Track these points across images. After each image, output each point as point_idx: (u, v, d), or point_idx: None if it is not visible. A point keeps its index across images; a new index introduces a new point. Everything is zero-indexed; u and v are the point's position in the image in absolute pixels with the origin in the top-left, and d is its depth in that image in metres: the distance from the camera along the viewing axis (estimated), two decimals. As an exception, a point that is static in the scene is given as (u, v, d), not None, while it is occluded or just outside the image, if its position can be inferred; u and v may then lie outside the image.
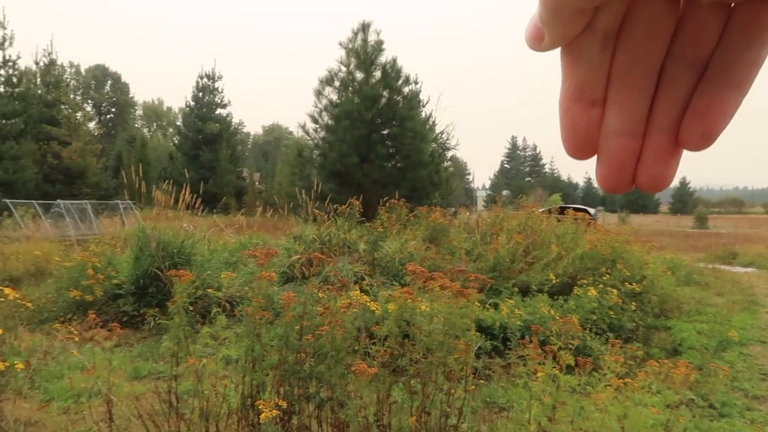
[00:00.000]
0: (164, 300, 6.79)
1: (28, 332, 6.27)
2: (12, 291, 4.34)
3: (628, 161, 0.32)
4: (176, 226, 7.64)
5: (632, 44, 0.30)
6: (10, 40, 25.52)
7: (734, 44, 0.30)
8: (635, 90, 0.31)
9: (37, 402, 4.34)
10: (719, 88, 0.30)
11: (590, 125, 0.32)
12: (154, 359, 5.64)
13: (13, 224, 15.08)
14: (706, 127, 0.31)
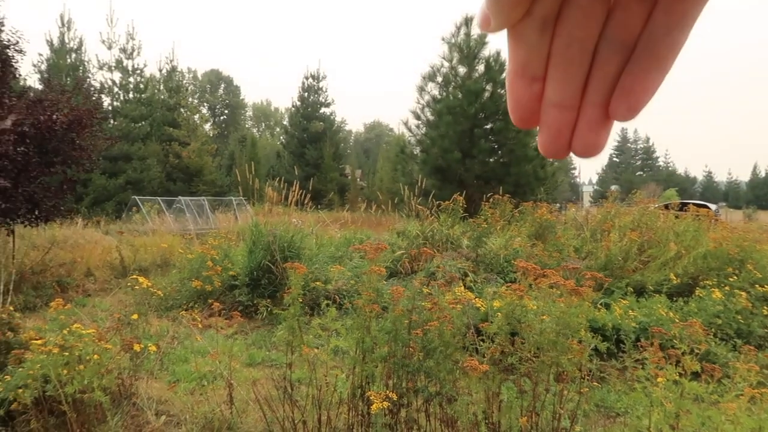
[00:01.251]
0: (275, 291, 7.13)
1: (156, 318, 6.82)
2: (145, 280, 4.72)
3: (565, 130, 0.36)
4: (286, 221, 7.98)
5: (568, 28, 0.33)
6: (138, 50, 27.84)
7: (657, 28, 0.33)
8: (571, 68, 0.35)
9: (165, 382, 4.71)
10: (644, 68, 0.34)
11: (532, 99, 0.36)
12: (266, 348, 5.92)
13: (140, 219, 16.47)
14: (631, 102, 0.34)
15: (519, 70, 0.36)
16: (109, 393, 3.71)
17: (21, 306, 6.97)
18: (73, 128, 8.85)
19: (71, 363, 3.59)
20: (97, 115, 9.61)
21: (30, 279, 8.08)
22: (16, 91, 9.31)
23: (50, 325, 5.14)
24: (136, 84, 27.73)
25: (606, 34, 0.34)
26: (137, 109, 26.40)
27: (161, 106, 29.47)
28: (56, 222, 10.12)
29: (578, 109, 0.36)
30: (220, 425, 3.52)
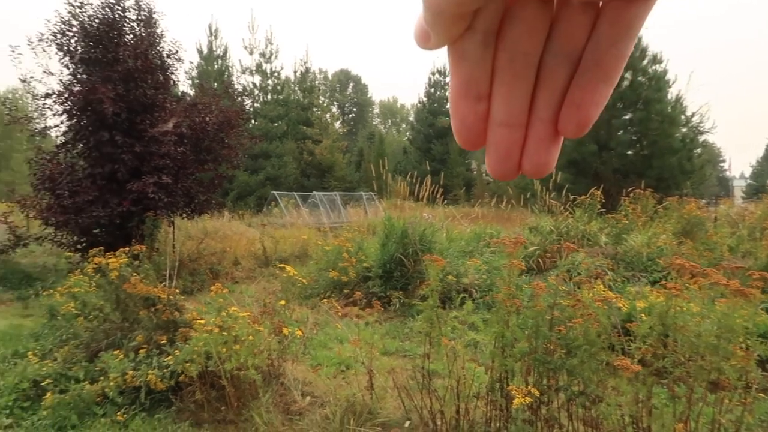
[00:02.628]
0: (407, 284, 7.26)
1: (296, 305, 7.25)
2: (291, 269, 5.03)
3: (514, 150, 0.34)
4: (417, 215, 8.10)
5: (511, 42, 0.31)
6: (275, 54, 29.62)
7: (603, 40, 0.31)
8: (516, 84, 0.32)
9: (307, 366, 5.00)
10: (591, 81, 0.32)
11: (478, 118, 0.34)
12: (399, 338, 6.06)
13: (279, 212, 17.55)
14: (581, 117, 0.32)
15: (462, 89, 0.34)
16: (260, 372, 4.01)
17: (180, 290, 7.73)
18: (223, 129, 9.63)
19: (229, 342, 3.93)
20: (243, 116, 10.38)
21: (187, 266, 8.93)
22: (174, 96, 10.32)
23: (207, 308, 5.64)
24: (274, 86, 29.54)
25: (550, 47, 0.32)
26: (275, 110, 28.12)
27: (296, 106, 31.11)
28: (207, 215, 11.09)
29: (526, 127, 0.34)
30: (362, 410, 3.67)
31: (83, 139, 8.81)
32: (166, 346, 4.22)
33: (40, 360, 4.43)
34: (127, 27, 9.23)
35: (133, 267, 5.23)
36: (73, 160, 9.22)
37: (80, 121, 8.74)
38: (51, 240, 8.88)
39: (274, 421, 3.83)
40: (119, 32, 9.03)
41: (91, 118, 8.50)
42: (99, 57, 8.70)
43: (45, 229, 8.88)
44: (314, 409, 3.95)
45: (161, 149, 8.66)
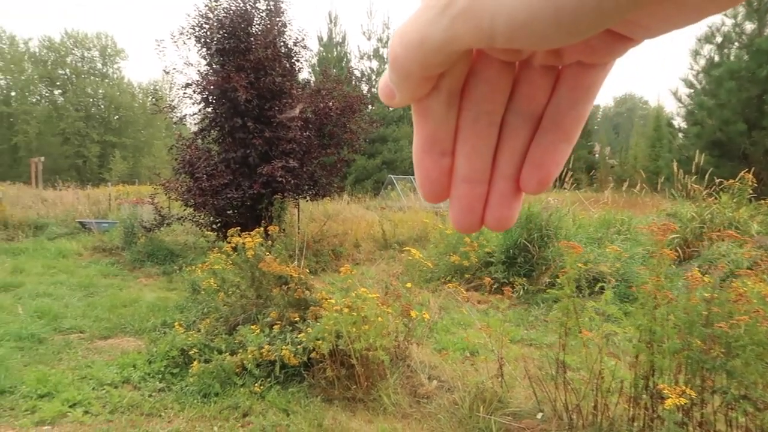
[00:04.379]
0: (531, 270, 7.02)
1: (417, 289, 7.26)
2: (416, 252, 5.02)
3: (477, 205, 0.34)
4: (542, 199, 7.79)
5: (475, 102, 0.32)
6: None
7: (562, 102, 0.32)
8: (480, 142, 0.32)
9: (431, 350, 4.98)
10: (552, 140, 0.32)
11: (442, 174, 0.34)
12: (524, 326, 5.87)
13: (395, 196, 17.74)
14: (541, 175, 0.33)
15: (427, 145, 0.34)
16: (387, 353, 4.04)
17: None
18: (345, 114, 9.83)
19: (357, 323, 3.99)
20: (364, 101, 10.53)
21: (312, 247, 9.27)
22: (300, 83, 10.68)
23: (332, 288, 5.79)
24: (389, 69, 29.74)
25: (513, 106, 0.33)
26: (391, 94, 28.35)
27: (412, 90, 31.11)
28: (328, 198, 11.44)
29: (489, 183, 0.34)
30: (491, 398, 3.58)
31: (218, 125, 9.39)
32: (298, 324, 4.37)
33: (185, 330, 4.78)
34: (257, 17, 9.66)
35: (266, 247, 5.49)
36: (209, 145, 9.87)
37: (216, 108, 9.32)
38: (190, 220, 9.60)
39: (401, 403, 3.84)
40: (250, 23, 9.48)
41: (226, 106, 9.02)
42: (232, 47, 9.19)
43: (185, 210, 9.62)
44: (441, 394, 3.92)
45: (288, 134, 9.01)
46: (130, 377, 4.27)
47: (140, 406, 3.81)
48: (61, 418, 3.60)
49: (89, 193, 18.34)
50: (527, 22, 0.24)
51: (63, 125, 48.52)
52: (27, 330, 5.31)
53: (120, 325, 5.71)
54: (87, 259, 10.31)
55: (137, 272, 9.07)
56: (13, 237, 12.36)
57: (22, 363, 4.56)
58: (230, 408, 3.80)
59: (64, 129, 48.50)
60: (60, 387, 4.00)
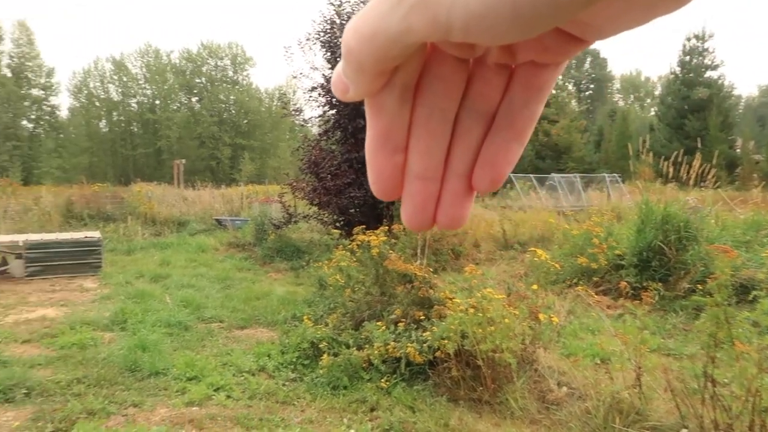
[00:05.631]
0: (667, 275, 6.54)
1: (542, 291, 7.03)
2: (543, 253, 4.86)
3: (429, 203, 0.33)
4: (680, 199, 7.22)
5: (428, 98, 0.31)
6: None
7: (515, 101, 0.32)
8: (433, 139, 0.32)
9: (558, 355, 4.79)
10: (504, 139, 0.32)
11: (394, 170, 0.33)
12: (660, 334, 5.48)
13: (515, 195, 17.32)
14: (493, 174, 0.32)
15: (380, 141, 0.33)
16: (514, 356, 3.95)
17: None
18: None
19: (483, 324, 3.94)
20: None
21: (431, 246, 9.29)
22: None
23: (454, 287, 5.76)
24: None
25: (466, 104, 0.32)
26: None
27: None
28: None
29: (441, 181, 0.33)
30: (628, 409, 3.38)
31: (341, 127, 9.70)
32: (423, 322, 4.40)
33: (314, 324, 4.99)
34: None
35: (390, 245, 5.58)
36: (332, 146, 10.23)
37: (339, 110, 9.64)
38: (315, 218, 10.02)
39: (529, 408, 3.74)
40: (372, 26, 9.69)
41: (349, 107, 9.30)
42: (356, 50, 9.45)
43: (310, 209, 10.05)
44: (572, 401, 3.76)
45: (410, 134, 9.11)
46: (265, 366, 4.53)
47: (275, 394, 4.03)
48: (206, 400, 3.90)
49: (223, 193, 19.76)
50: (484, 15, 0.24)
51: (199, 130, 52.64)
52: (175, 318, 5.81)
53: (254, 317, 6.08)
54: (223, 253, 11.12)
55: (267, 267, 9.63)
56: (160, 232, 13.63)
57: (171, 348, 5.00)
58: (358, 401, 3.91)
59: (200, 133, 52.60)
60: (205, 372, 4.34)
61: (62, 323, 5.67)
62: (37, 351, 4.92)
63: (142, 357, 4.57)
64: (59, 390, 4.01)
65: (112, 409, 3.71)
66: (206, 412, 3.71)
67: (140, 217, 14.15)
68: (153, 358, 4.55)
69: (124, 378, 4.27)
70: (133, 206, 14.46)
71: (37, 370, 4.37)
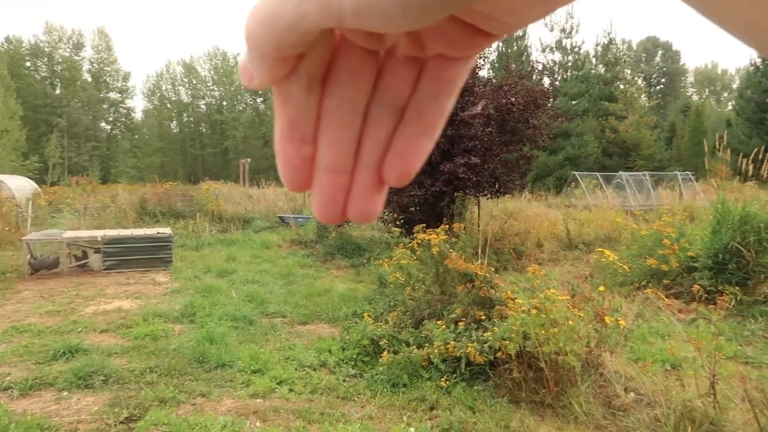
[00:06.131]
0: (746, 279, 6.20)
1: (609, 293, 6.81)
2: (610, 253, 4.71)
3: (338, 196, 0.33)
4: (761, 198, 6.82)
5: (337, 89, 0.31)
6: (576, 29, 28.35)
7: (425, 95, 0.32)
8: (342, 131, 0.32)
9: (625, 359, 4.62)
10: (414, 133, 0.32)
11: (303, 161, 0.33)
12: (738, 341, 5.19)
13: (580, 194, 16.83)
14: (403, 167, 0.32)
15: (287, 131, 0.32)
16: (578, 359, 3.84)
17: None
18: (528, 109, 9.56)
19: (546, 325, 3.85)
20: (549, 95, 10.15)
21: (492, 245, 9.16)
22: (482, 80, 10.62)
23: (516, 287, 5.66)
24: (574, 62, 28.37)
25: (376, 96, 0.32)
26: (575, 87, 27.04)
27: (597, 81, 29.35)
28: (508, 195, 11.22)
29: (351, 173, 0.33)
30: (702, 419, 3.22)
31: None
32: (484, 322, 4.35)
33: (374, 321, 5.02)
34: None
35: (450, 244, 5.55)
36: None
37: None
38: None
39: (594, 413, 3.63)
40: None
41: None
42: (417, 49, 9.45)
43: (371, 207, 10.11)
44: (640, 408, 3.62)
45: (470, 131, 9.02)
46: (326, 361, 4.61)
47: (336, 389, 4.09)
48: (270, 393, 4.00)
49: (286, 191, 20.19)
50: (372, 1, 0.24)
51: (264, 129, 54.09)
52: (240, 312, 6.00)
53: (316, 313, 6.19)
54: (286, 250, 11.37)
55: (328, 264, 9.77)
56: (227, 229, 14.08)
57: (237, 341, 5.16)
58: (417, 400, 3.91)
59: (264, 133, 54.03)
60: (269, 365, 4.46)
61: (136, 315, 5.96)
62: (114, 340, 5.19)
63: (209, 349, 4.74)
64: (133, 378, 4.22)
65: (182, 398, 3.86)
66: (270, 404, 3.80)
67: (208, 214, 14.67)
68: (220, 350, 4.72)
69: (193, 369, 4.44)
70: (201, 204, 15.00)
71: (113, 359, 4.61)
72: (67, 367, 4.34)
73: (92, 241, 8.99)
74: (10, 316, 6.03)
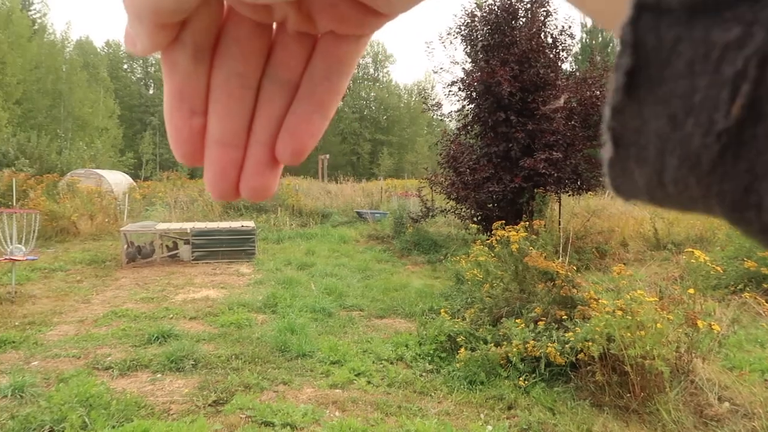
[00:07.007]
0: None
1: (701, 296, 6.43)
2: (701, 254, 4.45)
3: (230, 170, 0.32)
4: None
5: (226, 61, 0.31)
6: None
7: (316, 72, 0.32)
8: (232, 104, 0.31)
9: (719, 367, 4.35)
10: (306, 110, 0.32)
11: (192, 134, 0.32)
12: None
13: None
14: (295, 145, 0.32)
15: (175, 101, 0.31)
16: (667, 364, 3.66)
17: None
18: (615, 102, 9.16)
19: (632, 327, 3.69)
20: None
21: (574, 243, 8.88)
22: (565, 73, 10.30)
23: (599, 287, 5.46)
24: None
25: (269, 72, 0.32)
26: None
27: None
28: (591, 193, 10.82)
29: (244, 149, 0.32)
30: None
31: (480, 120, 9.58)
32: (565, 322, 4.23)
33: (451, 318, 5.00)
34: (521, 10, 9.59)
35: (530, 241, 5.43)
36: (471, 140, 10.15)
37: (479, 104, 9.53)
38: (453, 212, 10.02)
39: (684, 422, 3.45)
40: (514, 16, 9.46)
41: (489, 101, 9.16)
42: (497, 42, 9.30)
43: (447, 203, 10.08)
44: (736, 419, 3.41)
45: (551, 126, 8.77)
46: (403, 355, 4.64)
47: (413, 384, 4.11)
48: (348, 384, 4.08)
49: (363, 186, 20.48)
50: None
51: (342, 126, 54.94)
52: (319, 304, 6.15)
53: (392, 307, 6.24)
54: (363, 245, 11.53)
55: (405, 259, 9.82)
56: (306, 223, 14.46)
57: (316, 332, 5.30)
58: (495, 398, 3.87)
59: (342, 129, 54.90)
60: (347, 357, 4.55)
61: (222, 304, 6.25)
62: (202, 327, 5.46)
63: (290, 339, 4.89)
64: (220, 363, 4.43)
65: (265, 385, 4.01)
66: (348, 395, 3.88)
67: (288, 208, 15.12)
68: (300, 340, 4.86)
69: (275, 357, 4.60)
70: (282, 198, 15.47)
71: (201, 345, 4.86)
72: (161, 351, 4.62)
73: (182, 233, 9.49)
74: (110, 301, 6.49)
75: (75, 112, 37.34)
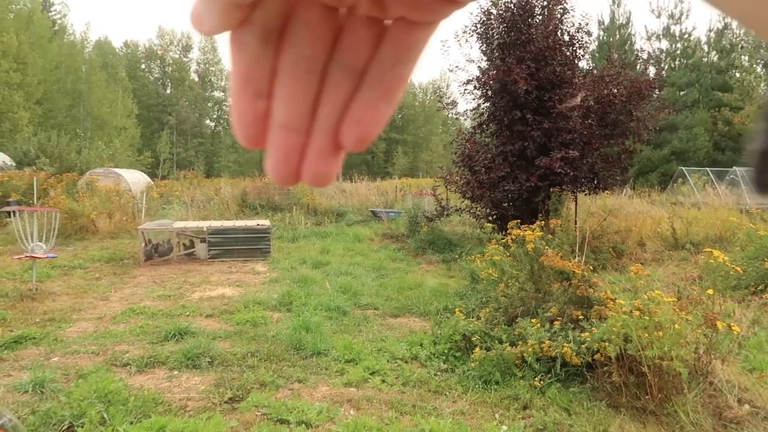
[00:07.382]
0: None
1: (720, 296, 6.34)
2: (720, 254, 4.39)
3: (293, 155, 0.32)
4: None
5: (294, 45, 0.31)
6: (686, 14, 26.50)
7: (385, 60, 0.31)
8: (298, 88, 0.31)
9: (739, 368, 4.29)
10: (373, 98, 0.32)
11: (256, 117, 0.32)
12: None
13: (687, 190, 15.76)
14: (360, 133, 0.32)
15: (242, 84, 0.32)
16: (686, 365, 3.61)
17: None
18: (632, 100, 9.07)
19: (649, 328, 3.65)
20: (655, 85, 9.57)
21: (590, 243, 8.80)
22: (582, 71, 10.20)
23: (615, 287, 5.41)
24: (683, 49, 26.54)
25: (336, 57, 0.31)
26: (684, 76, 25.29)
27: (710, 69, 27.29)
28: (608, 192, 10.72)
29: (308, 135, 0.32)
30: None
31: (496, 119, 9.54)
32: (581, 322, 4.20)
33: (466, 317, 4.99)
34: (538, 7, 9.52)
35: (546, 240, 5.40)
36: (487, 139, 10.10)
37: (495, 102, 9.48)
38: (468, 211, 9.99)
39: (702, 424, 3.41)
40: (531, 14, 9.39)
41: (505, 99, 9.11)
42: (513, 40, 9.24)
43: (462, 202, 10.04)
44: (756, 422, 3.36)
45: (568, 124, 8.70)
46: (417, 354, 4.64)
47: (427, 383, 4.11)
48: (363, 382, 4.09)
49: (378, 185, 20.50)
50: None
51: (357, 125, 55.16)
52: (334, 303, 6.16)
53: (407, 306, 6.24)
54: (377, 244, 11.54)
55: (419, 258, 9.81)
56: (321, 222, 14.51)
57: (331, 330, 5.31)
58: (510, 398, 3.85)
59: (357, 128, 55.08)
60: (362, 355, 4.56)
61: (238, 302, 6.29)
62: (218, 325, 5.51)
63: (305, 337, 4.91)
64: (236, 361, 4.46)
65: (281, 383, 4.04)
66: (363, 393, 3.89)
67: (303, 207, 15.18)
68: (315, 338, 4.88)
69: (290, 355, 4.63)
70: (297, 197, 15.53)
71: (217, 342, 4.90)
72: (177, 348, 4.66)
73: (198, 232, 9.57)
74: (128, 298, 6.57)
75: (94, 112, 37.84)
